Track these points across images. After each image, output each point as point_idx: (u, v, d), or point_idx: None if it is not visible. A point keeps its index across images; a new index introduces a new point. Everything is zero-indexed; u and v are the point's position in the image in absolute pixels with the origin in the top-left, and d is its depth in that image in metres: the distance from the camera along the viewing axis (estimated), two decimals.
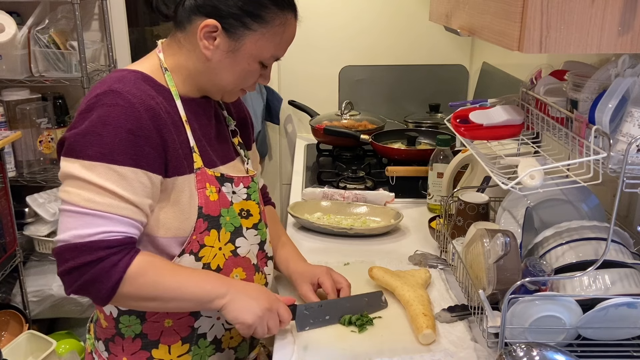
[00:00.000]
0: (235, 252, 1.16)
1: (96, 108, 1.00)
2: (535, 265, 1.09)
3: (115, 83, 1.02)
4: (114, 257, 0.99)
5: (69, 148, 1.00)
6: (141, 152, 1.00)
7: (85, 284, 0.98)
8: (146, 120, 1.01)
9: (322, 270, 1.28)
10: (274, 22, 1.07)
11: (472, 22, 1.18)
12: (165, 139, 1.04)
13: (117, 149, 0.98)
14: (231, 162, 1.21)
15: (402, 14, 2.58)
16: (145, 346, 1.14)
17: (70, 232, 0.98)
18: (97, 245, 0.97)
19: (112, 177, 0.98)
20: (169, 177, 1.06)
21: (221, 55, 1.08)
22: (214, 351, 1.19)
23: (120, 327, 1.14)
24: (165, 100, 1.08)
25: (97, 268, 0.98)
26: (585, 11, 0.87)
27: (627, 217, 1.34)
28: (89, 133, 0.98)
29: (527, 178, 0.98)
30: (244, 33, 1.06)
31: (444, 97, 2.60)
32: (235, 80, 1.11)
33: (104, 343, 1.18)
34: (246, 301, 1.06)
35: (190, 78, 1.12)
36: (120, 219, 0.99)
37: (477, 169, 1.66)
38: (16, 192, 2.34)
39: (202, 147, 1.13)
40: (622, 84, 0.96)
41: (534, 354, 0.92)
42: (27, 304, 2.41)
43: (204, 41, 1.06)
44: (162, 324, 1.13)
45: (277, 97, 2.62)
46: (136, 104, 1.00)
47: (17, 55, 2.24)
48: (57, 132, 2.44)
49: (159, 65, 1.12)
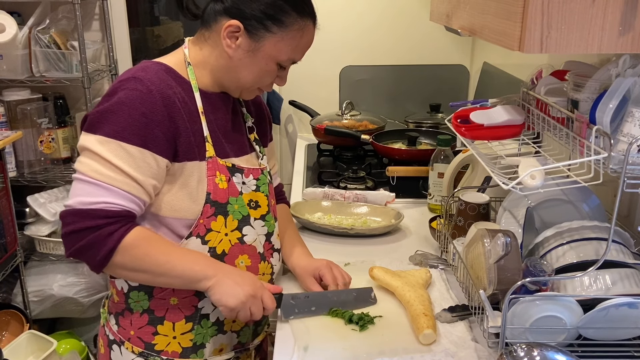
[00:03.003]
0: (241, 239, 1.21)
1: (118, 91, 1.09)
2: (536, 265, 1.09)
3: (139, 72, 1.11)
4: (111, 226, 1.06)
5: (89, 123, 1.09)
6: (151, 135, 1.08)
7: (82, 248, 1.06)
8: (160, 106, 1.09)
9: (323, 263, 1.32)
10: (292, 27, 1.15)
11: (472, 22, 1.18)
12: (177, 126, 1.11)
13: (129, 128, 1.07)
14: (245, 155, 1.27)
15: (403, 14, 2.58)
16: (151, 322, 1.20)
17: (76, 198, 1.07)
18: (97, 214, 1.05)
19: (120, 153, 1.06)
20: (179, 161, 1.13)
21: (242, 54, 1.15)
22: (216, 332, 1.24)
23: (129, 302, 1.20)
24: (184, 91, 1.15)
25: (95, 235, 1.05)
26: (586, 11, 0.87)
27: (627, 217, 1.34)
28: (108, 112, 1.08)
29: (527, 178, 0.98)
30: (265, 35, 1.14)
31: (444, 97, 2.60)
32: (254, 78, 1.18)
33: (114, 317, 1.25)
34: (231, 286, 1.11)
35: (212, 74, 1.20)
36: (122, 193, 1.07)
37: (477, 169, 1.66)
38: (17, 192, 2.34)
39: (216, 137, 1.19)
40: (623, 84, 0.96)
41: (535, 354, 0.92)
42: (27, 304, 2.41)
43: (227, 40, 1.14)
44: (167, 302, 1.19)
45: (277, 97, 2.62)
46: (154, 90, 1.09)
47: (17, 55, 2.24)
48: (58, 132, 2.44)
49: (184, 60, 1.20)
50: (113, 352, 1.25)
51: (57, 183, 2.41)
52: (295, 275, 1.35)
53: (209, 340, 1.24)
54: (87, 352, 2.50)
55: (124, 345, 1.22)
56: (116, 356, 1.24)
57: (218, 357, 1.26)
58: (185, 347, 1.22)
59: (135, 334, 1.21)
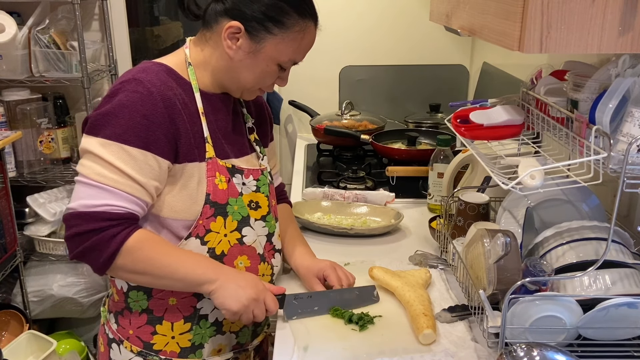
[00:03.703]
0: (241, 240, 1.21)
1: (119, 93, 1.09)
2: (535, 265, 1.09)
3: (139, 73, 1.11)
4: (114, 229, 1.06)
5: (90, 126, 1.09)
6: (152, 137, 1.08)
7: (85, 250, 1.06)
8: (161, 108, 1.09)
9: (327, 264, 1.32)
10: (293, 28, 1.14)
11: (472, 22, 1.18)
12: (178, 127, 1.11)
13: (130, 131, 1.06)
14: (245, 156, 1.27)
15: (403, 15, 2.58)
16: (150, 321, 1.21)
17: (79, 201, 1.07)
18: (100, 216, 1.05)
19: (122, 156, 1.06)
20: (179, 163, 1.13)
21: (242, 55, 1.15)
22: (214, 333, 1.24)
23: (129, 302, 1.21)
24: (184, 92, 1.15)
25: (98, 237, 1.05)
26: (585, 11, 0.87)
27: (627, 217, 1.34)
28: (109, 114, 1.07)
29: (527, 178, 0.98)
30: (265, 36, 1.13)
31: (444, 97, 2.60)
32: (254, 79, 1.18)
33: (114, 315, 1.25)
34: (234, 289, 1.10)
35: (212, 74, 1.19)
36: (125, 195, 1.07)
37: (477, 169, 1.66)
38: (16, 192, 2.34)
39: (217, 138, 1.19)
40: (623, 84, 0.96)
41: (535, 354, 0.92)
42: (27, 304, 2.42)
43: (228, 41, 1.14)
44: (166, 302, 1.19)
45: (277, 97, 2.62)
46: (154, 92, 1.09)
47: (17, 56, 2.24)
48: (58, 132, 2.44)
49: (184, 60, 1.19)
50: (112, 350, 1.25)
51: (57, 183, 2.41)
52: (299, 276, 1.35)
53: (208, 340, 1.24)
54: (87, 352, 2.50)
55: (123, 344, 1.23)
56: (115, 355, 1.24)
57: (216, 358, 1.26)
58: (184, 347, 1.22)
59: (134, 333, 1.21)
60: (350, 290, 1.27)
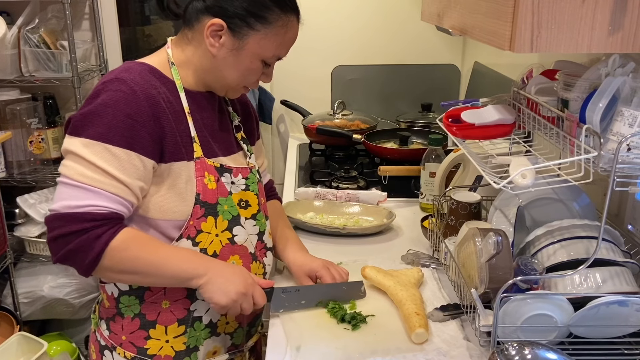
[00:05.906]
0: (232, 239, 1.21)
1: (102, 93, 1.07)
2: (527, 264, 1.09)
3: (122, 72, 1.10)
4: (98, 229, 1.04)
5: (73, 127, 1.07)
6: (136, 136, 1.06)
7: (69, 252, 1.04)
8: (145, 107, 1.07)
9: (319, 264, 1.31)
10: (276, 23, 1.13)
11: (463, 21, 1.18)
12: (163, 126, 1.10)
13: (114, 130, 1.05)
14: (233, 154, 1.26)
15: (394, 14, 2.58)
16: (143, 326, 1.19)
17: (61, 202, 1.04)
18: (83, 217, 1.03)
19: (106, 156, 1.04)
20: (166, 162, 1.12)
21: (226, 53, 1.14)
22: (209, 335, 1.23)
23: (120, 307, 1.19)
24: (168, 91, 1.14)
25: (81, 239, 1.03)
26: (575, 11, 0.88)
27: (617, 215, 1.35)
28: (92, 114, 1.06)
29: (518, 177, 0.98)
30: (248, 33, 1.12)
31: (436, 96, 2.60)
32: (239, 77, 1.17)
33: (105, 322, 1.23)
34: (222, 284, 1.10)
35: (196, 73, 1.18)
36: (108, 195, 1.05)
37: (469, 168, 1.66)
38: (6, 192, 2.32)
39: (204, 137, 1.18)
40: (613, 84, 0.97)
41: (526, 352, 0.92)
42: (17, 306, 2.40)
43: (210, 39, 1.13)
44: (159, 305, 1.18)
45: (269, 96, 2.62)
46: (138, 91, 1.07)
47: (7, 55, 2.22)
48: (48, 133, 2.42)
49: (167, 60, 1.18)
50: (105, 357, 1.23)
51: (47, 184, 2.39)
52: (291, 272, 1.34)
53: (203, 342, 1.23)
54: (78, 353, 2.48)
55: (115, 351, 1.21)
56: None
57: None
58: (179, 351, 1.21)
59: (127, 339, 1.20)
60: (338, 285, 1.27)
